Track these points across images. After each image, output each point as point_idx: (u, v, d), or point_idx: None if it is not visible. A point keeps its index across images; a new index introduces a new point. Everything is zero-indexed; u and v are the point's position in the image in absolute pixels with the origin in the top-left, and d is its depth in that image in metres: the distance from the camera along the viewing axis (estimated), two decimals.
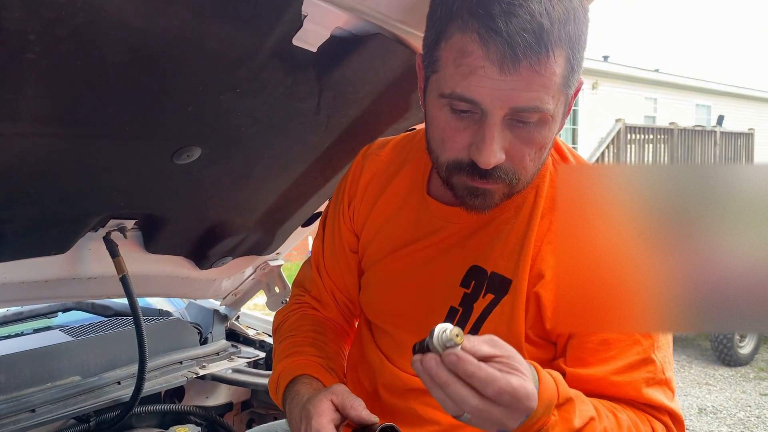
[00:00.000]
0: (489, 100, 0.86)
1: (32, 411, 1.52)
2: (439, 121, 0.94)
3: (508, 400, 0.78)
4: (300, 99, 1.38)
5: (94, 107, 1.13)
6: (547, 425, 0.84)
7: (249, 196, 1.70)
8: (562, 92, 0.88)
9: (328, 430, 0.94)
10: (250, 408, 2.22)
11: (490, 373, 0.77)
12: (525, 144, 0.91)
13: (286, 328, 1.25)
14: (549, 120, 0.90)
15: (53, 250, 1.50)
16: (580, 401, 0.89)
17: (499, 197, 0.97)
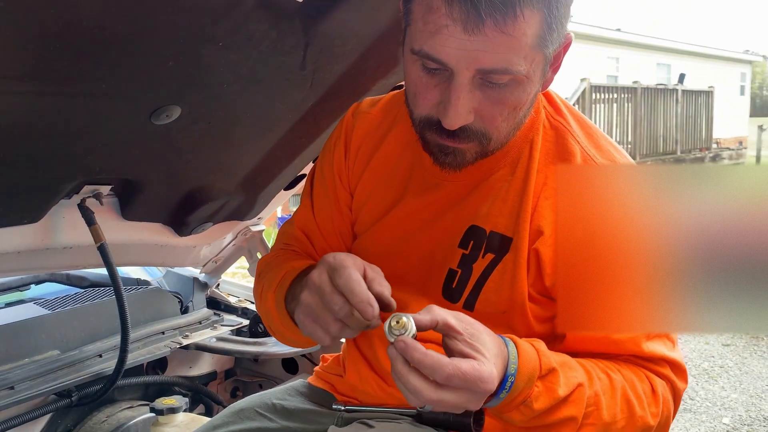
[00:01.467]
0: (455, 60, 0.84)
1: (11, 388, 1.45)
2: (412, 75, 0.92)
3: (460, 384, 0.78)
4: (285, 53, 1.32)
5: (66, 61, 1.05)
6: (530, 397, 0.85)
7: (230, 159, 1.63)
8: (537, 53, 0.85)
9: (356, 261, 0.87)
10: (234, 376, 2.19)
11: (436, 359, 0.78)
12: (496, 104, 0.89)
13: (277, 262, 1.17)
14: (523, 81, 0.87)
15: (25, 219, 1.42)
16: (566, 369, 0.89)
17: (471, 156, 0.96)
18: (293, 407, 1.20)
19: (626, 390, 0.94)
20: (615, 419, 0.92)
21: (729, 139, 18.69)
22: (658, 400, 0.97)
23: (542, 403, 0.86)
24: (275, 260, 1.17)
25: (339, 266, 0.86)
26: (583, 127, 1.06)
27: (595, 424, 0.90)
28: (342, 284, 0.84)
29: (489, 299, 1.01)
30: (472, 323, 0.83)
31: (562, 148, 1.03)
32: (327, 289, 0.86)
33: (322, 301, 0.87)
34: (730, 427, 3.78)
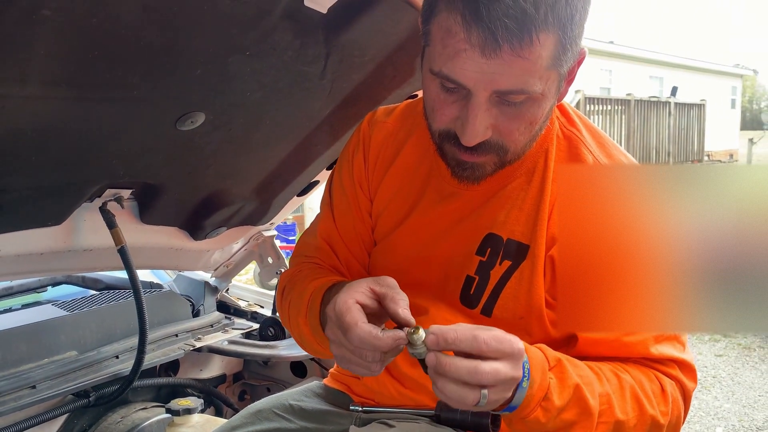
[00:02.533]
0: (473, 82, 0.86)
1: (32, 387, 1.47)
2: (431, 92, 0.95)
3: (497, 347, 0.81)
4: (307, 63, 1.35)
5: (103, 68, 1.09)
6: (549, 389, 0.87)
7: (247, 165, 1.67)
8: (552, 71, 0.88)
9: (352, 312, 0.86)
10: (243, 380, 2.20)
11: (470, 329, 0.81)
12: (513, 120, 0.92)
13: (304, 273, 1.18)
14: (539, 98, 0.90)
15: (49, 221, 1.45)
16: (570, 361, 0.91)
17: (490, 168, 0.98)
18: (310, 408, 1.22)
19: (635, 389, 0.95)
20: (627, 417, 0.93)
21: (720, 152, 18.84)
22: (668, 399, 0.98)
23: (560, 396, 0.87)
24: (298, 275, 1.17)
25: (343, 323, 0.86)
26: (594, 136, 1.09)
27: (608, 422, 0.92)
28: (358, 344, 0.85)
29: (506, 305, 1.03)
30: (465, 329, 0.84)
31: (576, 158, 1.05)
32: (348, 346, 0.87)
33: (350, 353, 0.88)
34: None
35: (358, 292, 0.88)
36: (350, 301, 0.87)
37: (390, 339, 0.84)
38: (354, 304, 0.87)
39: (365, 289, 0.89)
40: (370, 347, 0.84)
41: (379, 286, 0.90)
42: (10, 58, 0.96)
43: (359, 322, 0.84)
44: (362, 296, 0.88)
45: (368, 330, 0.84)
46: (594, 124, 1.15)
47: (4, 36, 0.92)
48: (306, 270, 1.19)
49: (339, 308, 0.87)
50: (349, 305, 0.86)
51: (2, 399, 1.43)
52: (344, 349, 0.88)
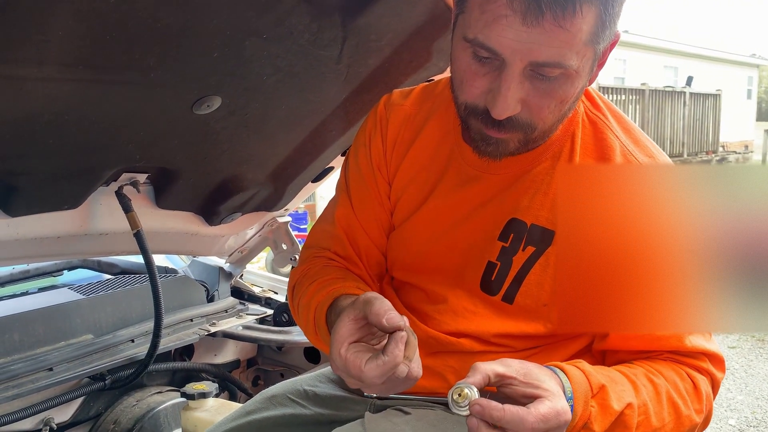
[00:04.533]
0: (510, 51, 0.84)
1: (50, 370, 1.49)
2: (461, 62, 0.92)
3: (544, 428, 0.78)
4: (323, 47, 1.35)
5: (120, 51, 1.09)
6: (590, 419, 0.85)
7: (263, 150, 1.66)
8: (589, 48, 0.87)
9: (351, 362, 0.83)
10: (256, 365, 2.21)
11: (516, 412, 0.77)
12: (544, 97, 0.90)
13: (309, 276, 1.16)
14: (573, 75, 0.88)
15: (66, 205, 1.46)
16: (612, 384, 0.89)
17: (514, 146, 0.96)
18: (325, 394, 1.21)
19: (671, 393, 0.94)
20: (663, 423, 0.92)
21: (735, 143, 18.66)
22: (701, 396, 0.97)
23: (600, 423, 0.86)
24: (306, 276, 1.16)
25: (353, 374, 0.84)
26: (620, 122, 1.07)
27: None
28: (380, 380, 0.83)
29: (530, 292, 1.01)
30: (518, 363, 0.83)
31: (601, 143, 1.03)
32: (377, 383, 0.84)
33: (384, 386, 0.85)
34: (736, 428, 3.79)
35: (345, 335, 0.86)
36: (342, 351, 0.85)
37: (394, 347, 0.82)
38: (347, 351, 0.84)
39: (347, 324, 0.87)
40: (390, 370, 0.82)
41: (356, 310, 0.87)
42: (28, 39, 0.97)
43: (362, 367, 0.82)
44: (351, 335, 0.86)
45: (375, 365, 0.82)
46: (618, 108, 1.13)
47: (22, 17, 0.92)
48: (313, 270, 1.16)
49: (338, 364, 0.85)
50: (343, 356, 0.84)
51: (20, 381, 1.44)
52: (377, 386, 0.85)
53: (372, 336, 0.88)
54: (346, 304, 0.93)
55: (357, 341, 0.86)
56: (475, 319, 1.06)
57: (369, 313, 0.84)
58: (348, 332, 0.86)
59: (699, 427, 0.98)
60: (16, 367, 1.47)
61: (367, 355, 0.83)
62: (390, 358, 0.81)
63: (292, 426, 1.17)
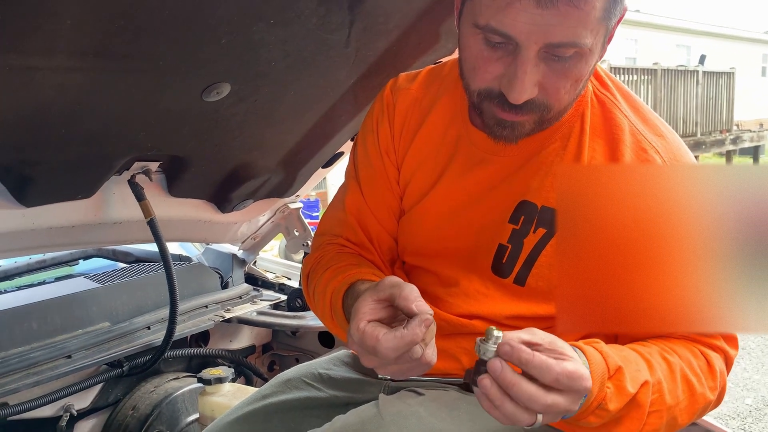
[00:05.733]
0: (524, 35, 0.83)
1: (68, 357, 1.51)
2: (472, 49, 0.91)
3: (566, 384, 0.77)
4: (331, 30, 1.34)
5: (130, 39, 1.09)
6: (605, 400, 0.84)
7: (273, 136, 1.67)
8: (601, 25, 0.86)
9: (368, 334, 0.82)
10: (271, 350, 2.23)
11: (544, 360, 0.76)
12: (560, 77, 0.89)
13: (323, 264, 1.16)
14: (587, 53, 0.87)
15: (79, 194, 1.47)
16: (628, 364, 0.88)
17: (529, 127, 0.95)
18: (339, 377, 1.21)
19: (685, 371, 0.93)
20: (677, 401, 0.92)
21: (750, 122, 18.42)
22: (715, 374, 0.97)
23: (615, 403, 0.85)
24: (319, 264, 1.15)
25: (368, 348, 0.83)
26: (628, 100, 1.06)
27: (660, 410, 0.90)
28: (394, 354, 0.81)
29: (542, 274, 1.01)
30: (544, 333, 0.81)
31: (610, 122, 1.02)
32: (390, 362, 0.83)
33: (398, 366, 0.84)
34: (753, 407, 3.78)
35: (366, 312, 0.85)
36: (361, 325, 0.83)
37: (417, 325, 0.80)
38: (366, 325, 0.83)
39: (370, 303, 0.86)
40: (406, 346, 0.80)
41: (380, 292, 0.86)
42: (38, 29, 0.97)
43: (379, 337, 0.81)
44: (371, 313, 0.85)
45: (392, 336, 0.80)
46: (627, 87, 1.12)
47: (32, 7, 0.92)
48: (326, 258, 1.16)
49: (356, 338, 0.84)
50: (362, 329, 0.83)
51: (39, 368, 1.47)
52: (391, 366, 0.84)
53: (393, 319, 0.86)
54: (365, 288, 0.92)
55: (376, 320, 0.85)
56: (486, 302, 1.06)
57: (398, 297, 0.83)
58: (369, 310, 0.85)
59: (713, 403, 0.98)
60: (35, 355, 1.50)
61: (385, 329, 0.82)
62: (409, 333, 0.80)
63: (307, 408, 1.18)
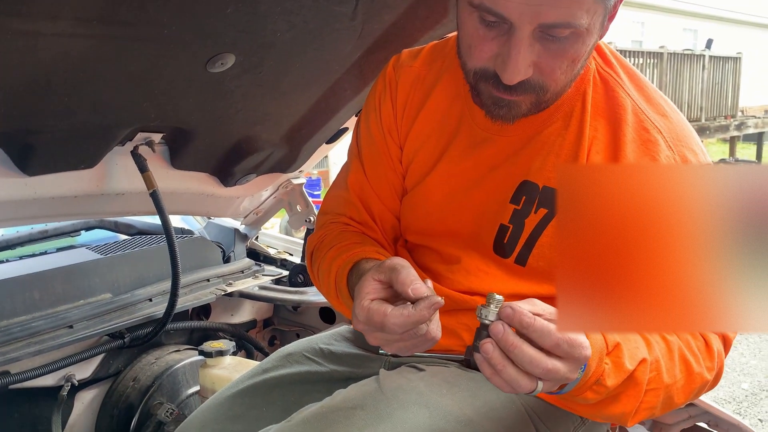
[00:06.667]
0: (517, 14, 0.82)
1: (70, 327, 1.51)
2: (468, 27, 0.90)
3: (566, 350, 0.77)
4: (338, 2, 1.32)
5: (135, 6, 1.07)
6: (603, 375, 0.84)
7: (277, 110, 1.65)
8: (599, 4, 0.84)
9: (374, 311, 0.83)
10: (272, 325, 2.24)
11: (545, 324, 0.77)
12: (555, 58, 0.88)
13: (327, 243, 1.15)
14: (583, 34, 0.86)
15: (82, 164, 1.46)
16: (626, 341, 0.88)
17: (526, 107, 0.94)
18: (340, 352, 1.22)
19: (683, 350, 0.94)
20: (675, 380, 0.92)
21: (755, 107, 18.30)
22: (713, 354, 0.97)
23: (613, 379, 0.85)
24: (323, 243, 1.15)
25: (375, 324, 0.84)
26: (632, 79, 1.05)
27: (658, 389, 0.90)
28: (401, 330, 0.82)
29: (543, 254, 1.01)
30: (544, 304, 0.82)
31: (613, 102, 1.01)
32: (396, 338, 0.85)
33: (403, 342, 0.86)
34: (749, 392, 3.81)
35: (369, 292, 0.86)
36: (365, 303, 0.85)
37: (425, 307, 0.81)
38: (370, 303, 0.85)
39: (372, 283, 0.87)
40: (413, 324, 0.82)
41: (381, 274, 0.87)
42: None
43: (386, 313, 0.82)
44: (374, 292, 0.86)
45: (399, 313, 0.82)
46: (631, 65, 1.11)
47: None
48: (330, 236, 1.16)
49: (361, 316, 0.85)
50: (366, 307, 0.84)
51: (41, 338, 1.47)
52: (397, 343, 0.85)
53: (396, 299, 0.87)
54: (369, 267, 0.93)
55: (380, 299, 0.86)
56: (487, 279, 1.06)
57: (395, 281, 0.84)
58: (373, 290, 0.86)
59: (710, 384, 0.98)
60: (36, 324, 1.50)
61: (391, 306, 0.83)
62: (416, 313, 0.81)
63: (308, 383, 1.19)
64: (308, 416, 1.01)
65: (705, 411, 1.50)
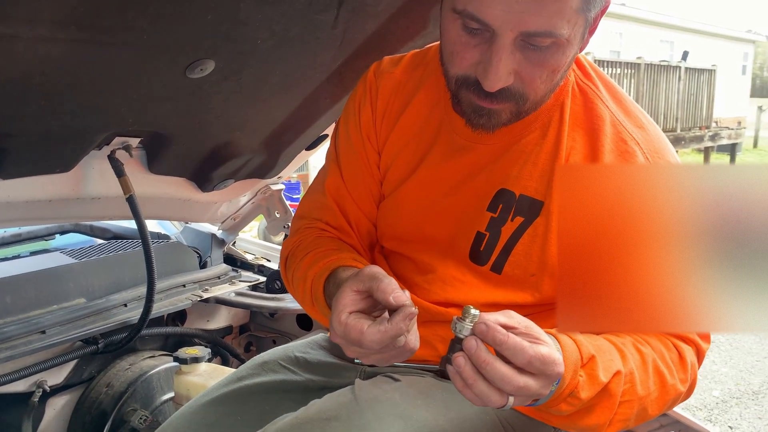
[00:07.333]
0: (500, 22, 0.84)
1: (42, 332, 1.49)
2: (451, 34, 0.91)
3: (539, 368, 0.78)
4: (319, 11, 1.33)
5: (115, 10, 1.06)
6: (577, 388, 0.85)
7: (256, 116, 1.65)
8: (580, 15, 0.86)
9: (351, 327, 0.82)
10: (248, 332, 2.23)
11: (518, 341, 0.77)
12: (536, 67, 0.89)
13: (302, 248, 1.14)
14: (563, 44, 0.87)
15: (58, 168, 1.44)
16: (601, 354, 0.89)
17: (506, 117, 0.96)
18: (316, 360, 1.21)
19: (657, 362, 0.94)
20: (649, 392, 0.92)
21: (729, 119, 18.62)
22: (686, 366, 0.98)
23: (587, 391, 0.86)
24: (298, 248, 1.14)
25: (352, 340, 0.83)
26: (611, 91, 1.06)
27: (632, 400, 0.91)
28: (379, 347, 0.82)
29: (518, 262, 1.02)
30: (520, 317, 0.82)
31: (591, 113, 1.03)
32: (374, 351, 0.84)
33: (380, 354, 0.85)
34: (720, 399, 3.86)
35: (346, 303, 0.85)
36: (342, 317, 0.84)
37: (401, 320, 0.81)
38: (348, 317, 0.84)
39: (350, 294, 0.85)
40: (390, 339, 0.81)
41: (360, 283, 0.86)
42: None
43: (363, 330, 0.81)
44: (351, 304, 0.85)
45: (377, 330, 0.81)
46: (610, 78, 1.12)
47: None
48: (306, 242, 1.14)
49: (338, 331, 0.84)
50: (344, 321, 0.83)
51: (13, 343, 1.45)
52: (374, 355, 0.85)
53: (374, 308, 0.87)
54: (347, 276, 0.93)
55: (358, 312, 0.85)
56: (463, 288, 1.06)
57: (375, 290, 0.83)
58: (350, 302, 0.85)
59: (683, 395, 0.99)
60: (8, 330, 1.48)
61: (368, 322, 0.83)
62: (393, 327, 0.81)
63: (283, 392, 1.18)
64: (282, 427, 1.00)
65: (676, 420, 1.52)
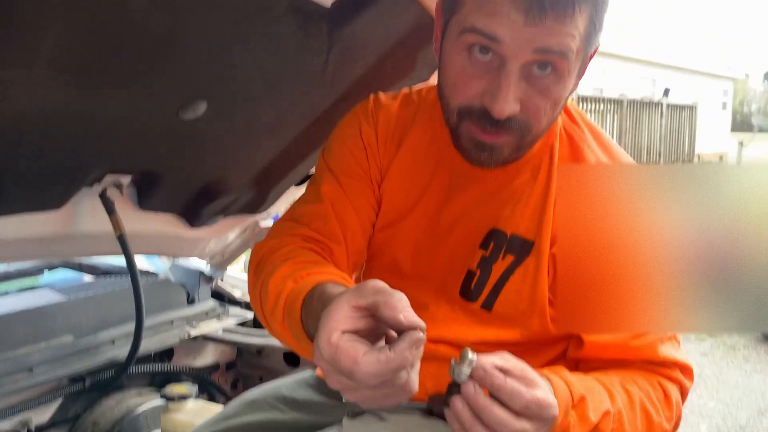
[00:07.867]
0: (510, 39, 0.85)
1: (29, 371, 1.48)
2: (455, 65, 0.92)
3: (535, 412, 0.78)
4: (309, 55, 1.37)
5: (110, 56, 1.09)
6: (568, 428, 0.84)
7: (247, 155, 1.68)
8: (581, 49, 0.89)
9: (343, 352, 0.67)
10: (235, 368, 2.21)
11: (516, 386, 0.77)
12: (541, 96, 0.91)
13: (281, 254, 1.00)
14: (565, 74, 0.89)
15: (48, 206, 1.46)
16: (591, 394, 0.90)
17: (507, 151, 0.96)
18: (303, 399, 1.21)
19: (644, 401, 0.96)
20: (636, 430, 0.94)
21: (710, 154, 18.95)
22: (671, 404, 0.99)
23: (579, 431, 0.86)
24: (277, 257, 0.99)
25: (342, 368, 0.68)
26: (596, 136, 1.09)
27: None
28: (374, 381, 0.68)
29: (508, 300, 1.03)
30: (515, 359, 0.81)
31: (578, 157, 1.05)
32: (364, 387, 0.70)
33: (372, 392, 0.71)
34: None
35: (340, 320, 0.70)
36: (334, 338, 0.68)
37: (406, 347, 0.68)
38: (341, 338, 0.68)
39: (347, 311, 0.70)
40: (391, 373, 0.68)
41: (362, 298, 0.71)
42: (20, 41, 0.97)
43: (358, 359, 0.67)
44: (346, 322, 0.70)
45: (375, 359, 0.67)
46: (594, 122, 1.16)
47: (15, 20, 0.93)
48: (286, 249, 1.01)
49: (326, 353, 0.69)
50: (335, 342, 0.68)
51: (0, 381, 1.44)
52: (363, 391, 0.70)
53: (371, 333, 0.73)
54: (338, 291, 0.79)
55: (352, 332, 0.70)
56: (453, 326, 1.07)
57: (382, 305, 0.69)
58: (344, 318, 0.70)
59: None
60: None
61: (366, 348, 0.68)
62: (397, 357, 0.67)
63: (270, 430, 1.17)
64: None
65: None
